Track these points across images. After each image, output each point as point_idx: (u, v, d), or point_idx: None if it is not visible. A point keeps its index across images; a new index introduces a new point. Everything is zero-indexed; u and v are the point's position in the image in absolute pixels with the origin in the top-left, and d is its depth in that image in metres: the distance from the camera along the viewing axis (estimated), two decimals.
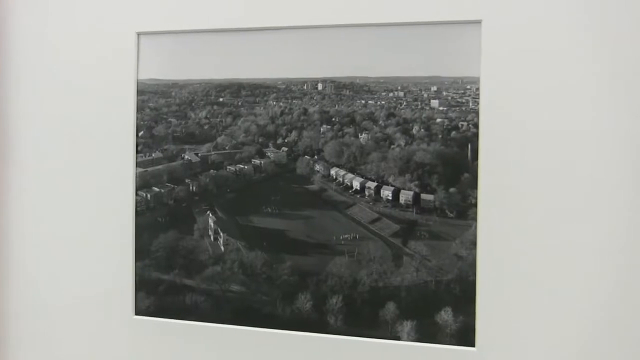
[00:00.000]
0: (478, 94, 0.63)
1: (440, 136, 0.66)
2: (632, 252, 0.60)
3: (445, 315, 0.65)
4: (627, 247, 0.60)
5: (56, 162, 0.77)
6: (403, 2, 0.65)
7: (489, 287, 0.63)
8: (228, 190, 0.74)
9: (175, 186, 0.75)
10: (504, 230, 0.63)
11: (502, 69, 0.62)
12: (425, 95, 0.67)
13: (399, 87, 0.68)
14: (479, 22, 0.63)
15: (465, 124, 0.65)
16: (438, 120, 0.66)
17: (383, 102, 0.69)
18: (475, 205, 0.64)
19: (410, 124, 0.67)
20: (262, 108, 0.73)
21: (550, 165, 0.61)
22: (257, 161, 0.73)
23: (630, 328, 0.60)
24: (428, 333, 0.65)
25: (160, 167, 0.76)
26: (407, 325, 0.66)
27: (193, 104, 0.75)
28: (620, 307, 0.60)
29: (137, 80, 0.74)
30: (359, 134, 0.69)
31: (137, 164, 0.75)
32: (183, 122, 0.75)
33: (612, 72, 0.59)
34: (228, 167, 0.74)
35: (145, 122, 0.75)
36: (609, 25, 0.59)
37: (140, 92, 0.75)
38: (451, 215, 0.65)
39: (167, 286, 0.74)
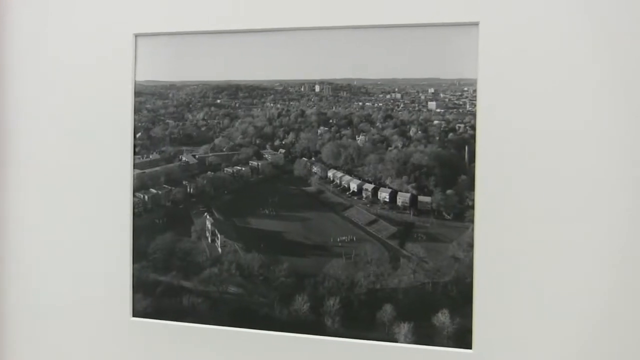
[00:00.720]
0: (475, 96, 0.63)
1: (437, 138, 0.66)
2: (631, 252, 0.59)
3: (443, 317, 0.65)
4: (626, 247, 0.60)
5: (54, 163, 0.77)
6: (400, 4, 0.65)
7: (486, 289, 0.63)
8: (225, 192, 0.74)
9: (173, 188, 0.75)
10: (501, 232, 0.62)
11: (500, 70, 0.62)
12: (423, 97, 0.67)
13: (396, 89, 0.68)
14: (476, 24, 0.63)
15: (462, 125, 0.65)
16: (435, 122, 0.66)
17: (380, 104, 0.68)
18: (473, 207, 0.64)
19: (408, 126, 0.67)
20: (259, 110, 0.73)
21: (548, 167, 0.61)
22: (254, 163, 0.73)
23: (630, 328, 0.60)
24: (425, 335, 0.65)
25: (157, 168, 0.76)
26: (404, 327, 0.66)
27: (190, 105, 0.75)
28: (619, 308, 0.60)
29: (135, 81, 0.74)
30: (357, 136, 0.69)
31: (135, 166, 0.75)
32: (180, 124, 0.75)
33: (611, 72, 0.59)
34: (225, 168, 0.74)
35: (143, 124, 0.75)
36: (608, 26, 0.59)
37: (137, 93, 0.75)
38: (448, 217, 0.65)
39: (164, 288, 0.74)
